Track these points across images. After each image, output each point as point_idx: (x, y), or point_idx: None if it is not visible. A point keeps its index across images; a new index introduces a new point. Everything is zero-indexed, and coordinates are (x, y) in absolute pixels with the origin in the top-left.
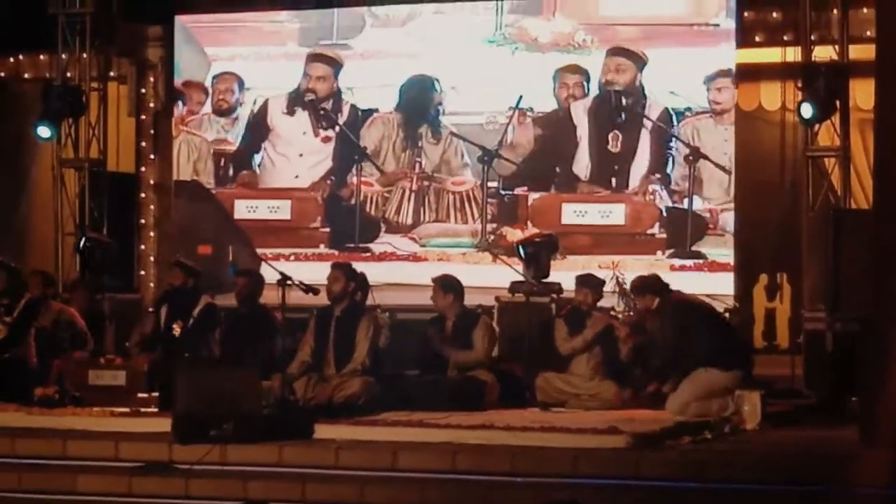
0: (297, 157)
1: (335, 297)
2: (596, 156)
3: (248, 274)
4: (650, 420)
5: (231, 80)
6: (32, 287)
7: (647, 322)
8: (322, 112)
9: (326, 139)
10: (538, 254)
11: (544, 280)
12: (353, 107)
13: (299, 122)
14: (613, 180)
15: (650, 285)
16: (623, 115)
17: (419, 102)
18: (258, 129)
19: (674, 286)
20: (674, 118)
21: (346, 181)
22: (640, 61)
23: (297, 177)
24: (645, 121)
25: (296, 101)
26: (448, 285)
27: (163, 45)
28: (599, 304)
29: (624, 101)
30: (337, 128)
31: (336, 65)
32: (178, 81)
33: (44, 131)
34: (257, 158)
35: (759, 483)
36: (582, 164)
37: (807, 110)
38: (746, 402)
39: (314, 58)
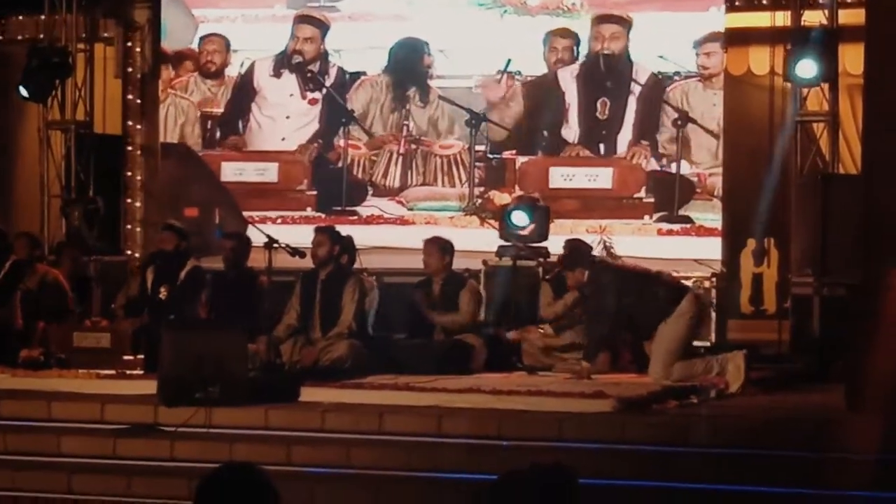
0: (284, 119)
1: (320, 261)
2: (584, 122)
3: (235, 237)
4: (637, 384)
5: (218, 42)
6: (18, 249)
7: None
8: (309, 74)
9: (313, 101)
10: (543, 217)
11: (533, 244)
12: (340, 69)
13: (286, 84)
14: (602, 146)
15: (578, 258)
16: (611, 82)
17: (408, 65)
18: (245, 91)
19: (661, 251)
20: (663, 83)
21: (333, 144)
22: (626, 24)
23: (283, 139)
24: (633, 85)
25: (282, 63)
26: (446, 247)
27: (150, 7)
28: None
29: (612, 66)
30: (324, 90)
31: (323, 26)
32: (166, 47)
33: (24, 91)
34: (243, 121)
35: (745, 448)
36: (571, 131)
37: (805, 69)
38: (730, 362)
39: (301, 19)
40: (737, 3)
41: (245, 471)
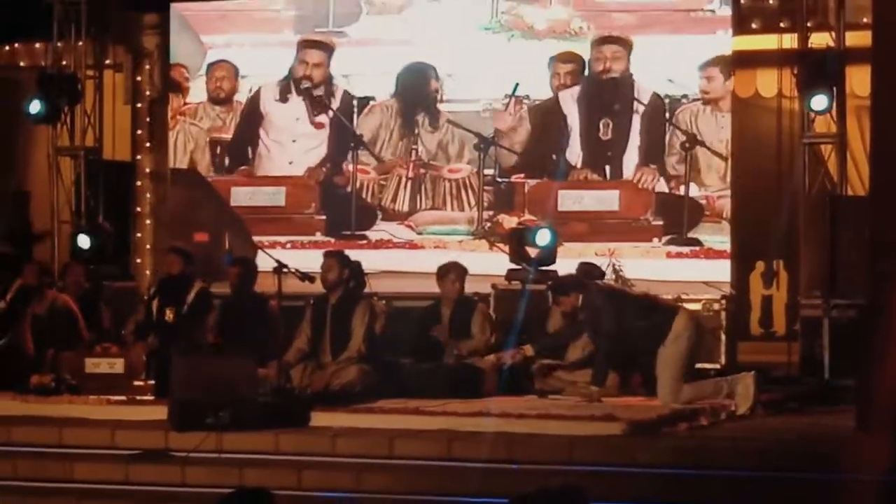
0: (291, 143)
1: (330, 286)
2: (587, 144)
3: (242, 262)
4: (646, 407)
5: (227, 69)
6: (28, 276)
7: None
8: (317, 99)
9: (319, 125)
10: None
11: (542, 268)
12: (345, 92)
13: (292, 108)
14: (607, 168)
15: (570, 285)
16: (612, 103)
17: (416, 90)
18: (251, 117)
19: (670, 274)
20: (665, 103)
21: (341, 168)
22: (627, 46)
23: (291, 163)
24: (636, 105)
25: (288, 87)
26: (463, 272)
27: (158, 33)
28: None
29: (614, 87)
30: (331, 113)
31: (330, 50)
32: (175, 75)
33: (35, 106)
34: (251, 147)
35: (755, 470)
36: (573, 153)
37: (819, 102)
38: (740, 383)
39: (307, 44)
40: (743, 27)
41: (257, 496)
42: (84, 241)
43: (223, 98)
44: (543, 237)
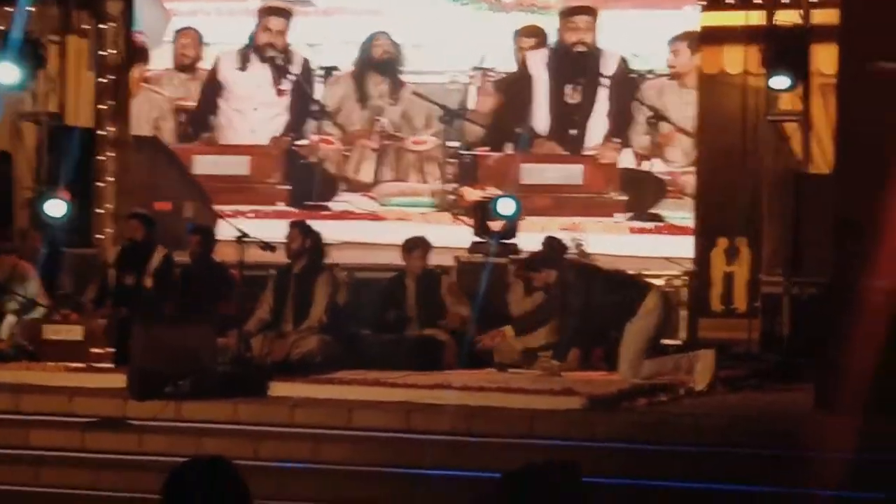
0: (252, 111)
1: (293, 255)
2: (554, 107)
3: (200, 231)
4: (606, 382)
5: (192, 35)
6: None
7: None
8: (280, 66)
9: (282, 92)
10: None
11: (503, 241)
12: (305, 60)
13: (252, 76)
14: (572, 132)
15: (544, 260)
16: (580, 70)
17: (375, 60)
18: (212, 85)
19: (633, 249)
20: (632, 72)
21: (305, 138)
22: (594, 15)
23: (253, 131)
24: (602, 79)
25: (247, 55)
26: (428, 247)
27: None
28: None
29: (582, 55)
30: (293, 80)
31: (290, 17)
32: (138, 40)
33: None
34: (214, 116)
35: (714, 445)
36: (541, 119)
37: (780, 82)
38: (700, 360)
39: (269, 11)
40: (711, 2)
41: (214, 464)
42: (51, 208)
43: (187, 65)
44: (507, 206)
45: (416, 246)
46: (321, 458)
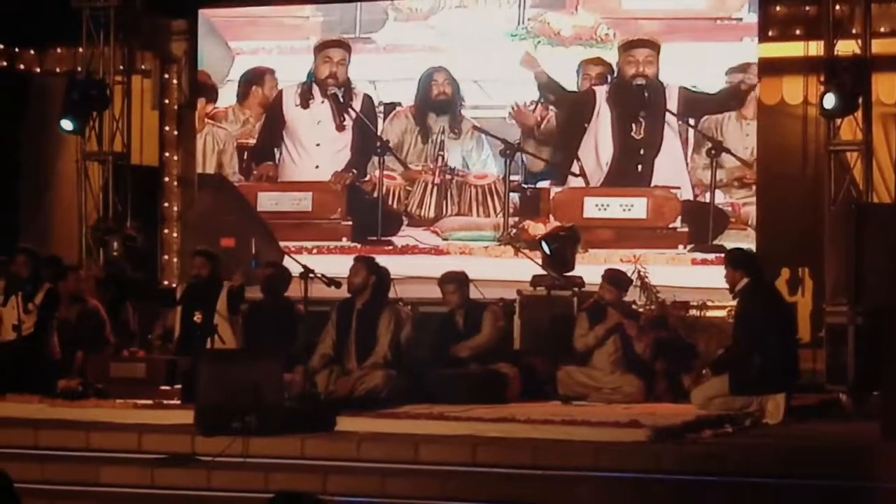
0: (315, 147)
1: (356, 290)
2: (619, 142)
3: (274, 265)
4: (671, 414)
5: (272, 81)
6: (70, 281)
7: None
8: (342, 102)
9: (342, 128)
10: (563, 248)
11: (566, 274)
12: (366, 96)
13: (314, 111)
14: (639, 167)
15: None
16: (644, 105)
17: (434, 96)
18: (274, 121)
19: (695, 281)
20: (692, 103)
21: (367, 173)
22: (657, 48)
23: (317, 167)
24: (666, 114)
25: (309, 91)
26: (463, 281)
27: (186, 39)
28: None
29: (646, 93)
30: (353, 115)
31: (349, 49)
32: (204, 78)
33: (67, 124)
34: (277, 151)
35: (779, 477)
36: (605, 150)
37: (829, 101)
38: (770, 400)
39: (328, 44)
40: (770, 34)
41: (300, 499)
42: (118, 247)
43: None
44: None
45: (447, 282)
46: (388, 492)
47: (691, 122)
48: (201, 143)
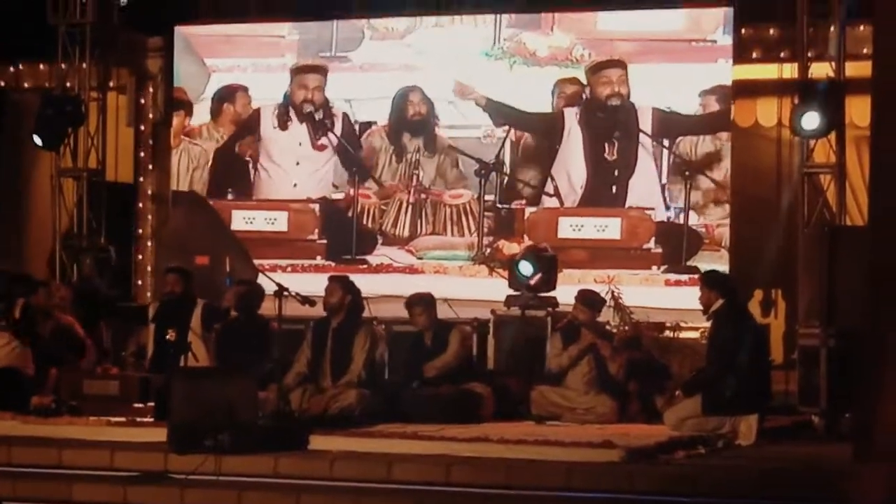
0: (294, 165)
1: (331, 309)
2: (592, 163)
3: (247, 283)
4: (644, 434)
5: (245, 98)
6: (39, 296)
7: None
8: (319, 123)
9: (321, 147)
10: (549, 266)
11: (541, 294)
12: (345, 115)
13: (293, 133)
14: (613, 188)
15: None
16: (617, 126)
17: (407, 115)
18: (250, 139)
19: (669, 302)
20: (666, 124)
21: (343, 193)
22: (626, 69)
23: (295, 185)
24: (640, 134)
25: (286, 113)
26: (430, 303)
27: (162, 56)
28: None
29: (617, 110)
30: (333, 138)
31: (326, 73)
32: (180, 94)
33: (38, 140)
34: (253, 170)
35: (752, 499)
36: (578, 173)
37: (810, 121)
38: (743, 421)
39: (305, 69)
40: (744, 56)
41: None
42: (92, 263)
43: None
44: (526, 268)
45: (414, 304)
46: None
47: (665, 143)
48: (176, 159)
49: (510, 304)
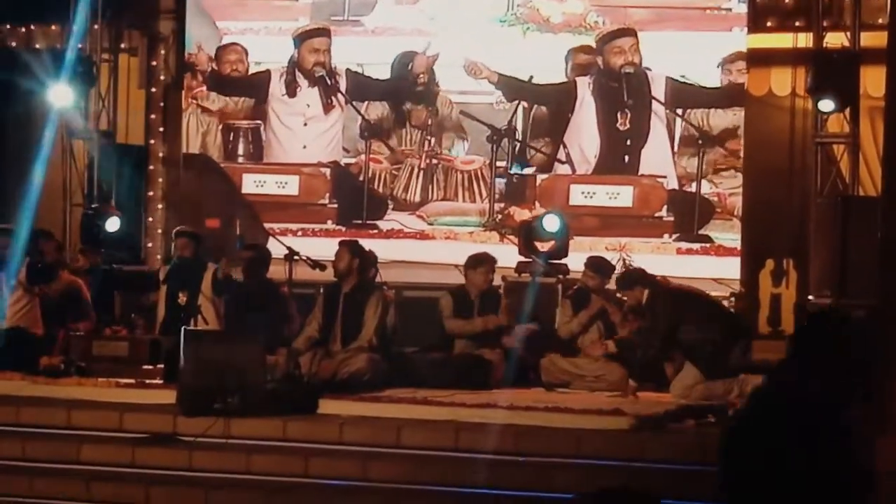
0: (302, 127)
1: (341, 274)
2: (605, 133)
3: (255, 248)
4: (654, 402)
5: (239, 52)
6: (47, 250)
7: (641, 311)
8: (330, 86)
9: (328, 108)
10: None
11: (553, 260)
12: (354, 76)
13: (302, 96)
14: (626, 157)
15: (636, 279)
16: (630, 94)
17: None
18: (261, 102)
19: (680, 270)
20: (679, 94)
21: (354, 158)
22: (635, 36)
23: (304, 147)
24: (653, 102)
25: (294, 76)
26: (494, 263)
27: (174, 18)
28: (606, 286)
29: (631, 79)
30: (342, 99)
31: (330, 35)
32: (191, 56)
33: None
34: (263, 134)
35: None
36: (591, 141)
37: (826, 105)
38: (750, 385)
39: (311, 33)
40: (759, 24)
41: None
42: (102, 226)
43: (235, 80)
44: (552, 223)
45: (482, 262)
46: (369, 475)
47: (678, 111)
48: (186, 122)
49: (521, 270)
